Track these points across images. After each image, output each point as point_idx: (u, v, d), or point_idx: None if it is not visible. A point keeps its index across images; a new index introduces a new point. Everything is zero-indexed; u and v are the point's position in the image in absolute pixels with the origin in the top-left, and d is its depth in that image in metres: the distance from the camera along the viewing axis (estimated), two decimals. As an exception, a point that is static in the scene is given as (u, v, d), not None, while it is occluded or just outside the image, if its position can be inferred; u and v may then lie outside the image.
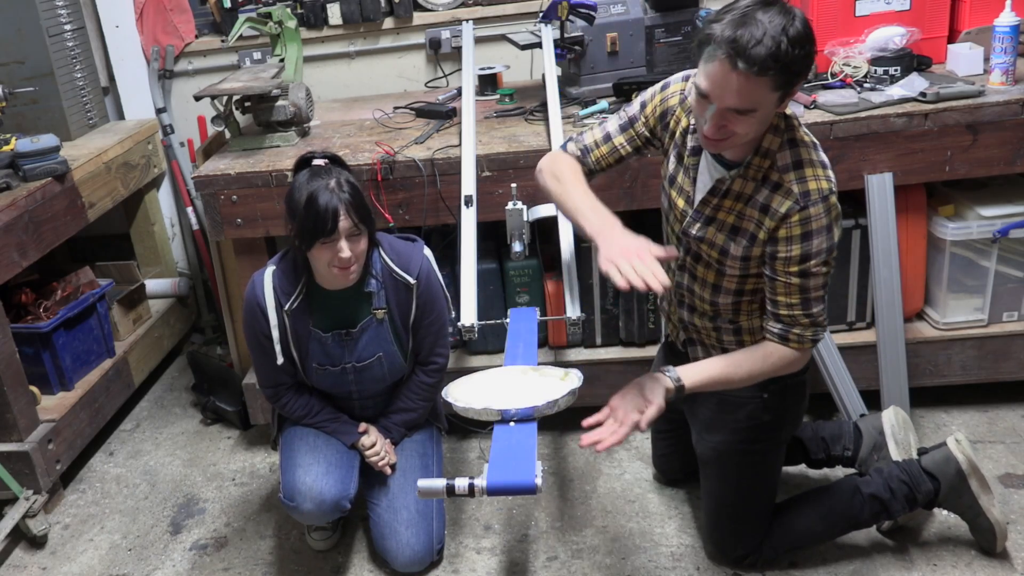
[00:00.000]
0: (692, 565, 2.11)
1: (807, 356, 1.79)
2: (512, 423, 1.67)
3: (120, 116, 3.34)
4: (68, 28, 2.89)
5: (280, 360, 2.04)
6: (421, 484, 1.61)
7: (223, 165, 2.46)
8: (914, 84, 2.35)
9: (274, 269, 2.03)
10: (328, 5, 3.16)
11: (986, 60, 2.43)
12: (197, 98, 2.53)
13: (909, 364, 2.44)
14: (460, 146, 2.39)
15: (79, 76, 2.96)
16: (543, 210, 2.21)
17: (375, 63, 3.29)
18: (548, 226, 2.34)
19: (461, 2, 3.19)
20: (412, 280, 2.05)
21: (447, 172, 2.37)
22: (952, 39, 2.60)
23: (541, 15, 2.67)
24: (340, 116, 2.90)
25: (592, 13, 2.54)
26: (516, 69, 3.14)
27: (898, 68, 2.44)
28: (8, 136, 2.55)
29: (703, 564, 2.11)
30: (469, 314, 2.04)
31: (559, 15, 2.53)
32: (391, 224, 2.41)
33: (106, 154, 2.85)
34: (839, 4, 2.53)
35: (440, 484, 1.59)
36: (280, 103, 2.56)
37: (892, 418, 2.18)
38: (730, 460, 1.98)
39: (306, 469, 2.08)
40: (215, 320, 3.45)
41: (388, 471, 2.18)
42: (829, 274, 1.71)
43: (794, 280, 1.69)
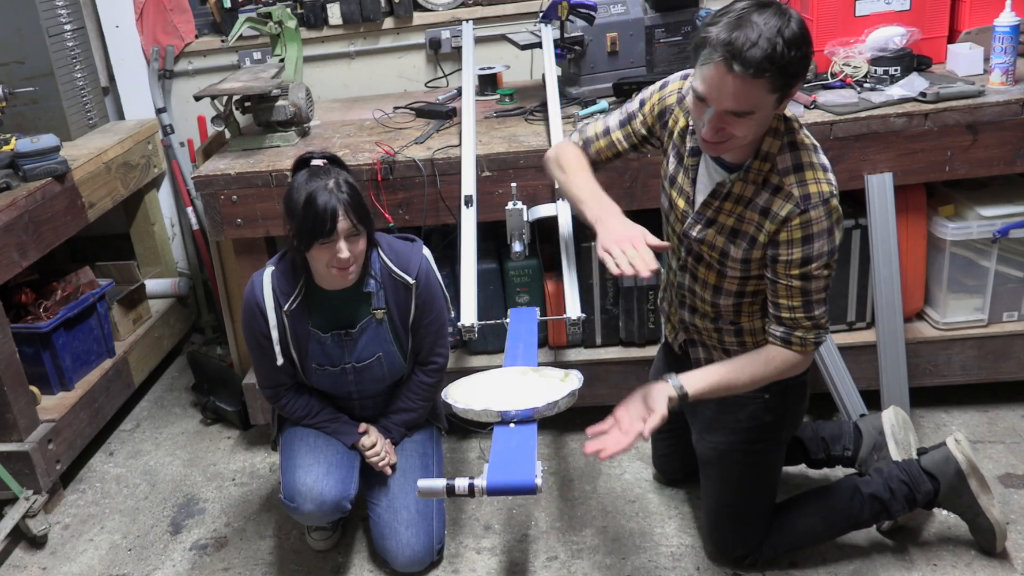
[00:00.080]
0: (692, 565, 2.11)
1: (809, 359, 1.79)
2: (512, 424, 1.67)
3: (120, 116, 3.34)
4: (68, 28, 2.89)
5: (280, 361, 2.04)
6: (421, 484, 1.61)
7: (223, 165, 2.46)
8: (914, 84, 2.35)
9: (273, 270, 2.03)
10: (328, 5, 3.16)
11: (986, 60, 2.43)
12: (197, 98, 2.53)
13: (909, 364, 2.44)
14: (460, 146, 2.39)
15: (79, 76, 2.95)
16: (543, 210, 2.21)
17: (375, 63, 3.29)
18: (548, 226, 2.33)
19: (461, 2, 3.19)
20: (411, 280, 2.05)
21: (447, 172, 2.37)
22: (952, 39, 2.60)
23: (541, 15, 2.67)
24: (340, 116, 2.90)
25: (592, 13, 2.54)
26: (516, 69, 3.14)
27: (898, 68, 2.44)
28: (8, 136, 2.55)
29: (703, 564, 2.11)
30: (469, 314, 2.04)
31: (559, 15, 2.53)
32: (391, 224, 2.41)
33: (106, 154, 2.85)
34: (839, 4, 2.53)
35: (440, 484, 1.59)
36: (280, 103, 2.56)
37: (892, 418, 2.18)
38: (731, 460, 1.98)
39: (306, 470, 2.08)
40: (215, 320, 3.44)
41: (388, 471, 2.18)
42: (831, 277, 1.71)
43: (795, 283, 1.69)
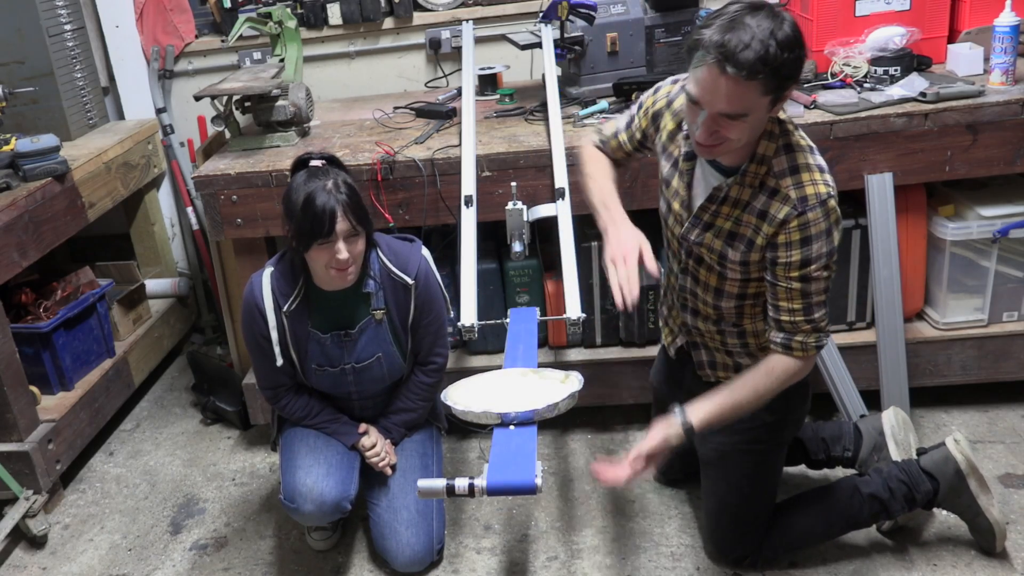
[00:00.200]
0: (692, 565, 2.11)
1: (811, 364, 1.78)
2: (512, 426, 1.67)
3: (120, 116, 3.34)
4: (68, 28, 2.89)
5: (279, 361, 2.04)
6: (421, 484, 1.62)
7: (223, 165, 2.46)
8: (914, 84, 2.35)
9: (272, 270, 2.03)
10: (328, 5, 3.16)
11: (986, 60, 2.43)
12: (197, 98, 2.53)
13: (909, 364, 2.44)
14: (460, 146, 2.39)
15: (79, 76, 2.95)
16: (543, 210, 2.21)
17: (375, 63, 3.29)
18: (548, 226, 2.33)
19: (461, 2, 3.19)
20: (410, 280, 2.05)
21: (447, 172, 2.37)
22: (952, 39, 2.60)
23: (541, 15, 2.66)
24: (340, 116, 2.90)
25: (592, 13, 2.54)
26: (516, 69, 3.14)
27: (898, 68, 2.44)
28: (8, 136, 2.55)
29: (703, 564, 2.11)
30: (469, 314, 2.03)
31: (559, 15, 2.53)
32: (391, 224, 2.41)
33: (106, 154, 2.85)
34: (839, 4, 2.53)
35: (440, 484, 1.59)
36: (280, 103, 2.56)
37: (892, 418, 2.17)
38: (732, 460, 1.98)
39: (307, 470, 2.08)
40: (215, 320, 3.44)
41: (388, 471, 2.18)
42: (830, 278, 1.70)
43: (795, 285, 1.68)
